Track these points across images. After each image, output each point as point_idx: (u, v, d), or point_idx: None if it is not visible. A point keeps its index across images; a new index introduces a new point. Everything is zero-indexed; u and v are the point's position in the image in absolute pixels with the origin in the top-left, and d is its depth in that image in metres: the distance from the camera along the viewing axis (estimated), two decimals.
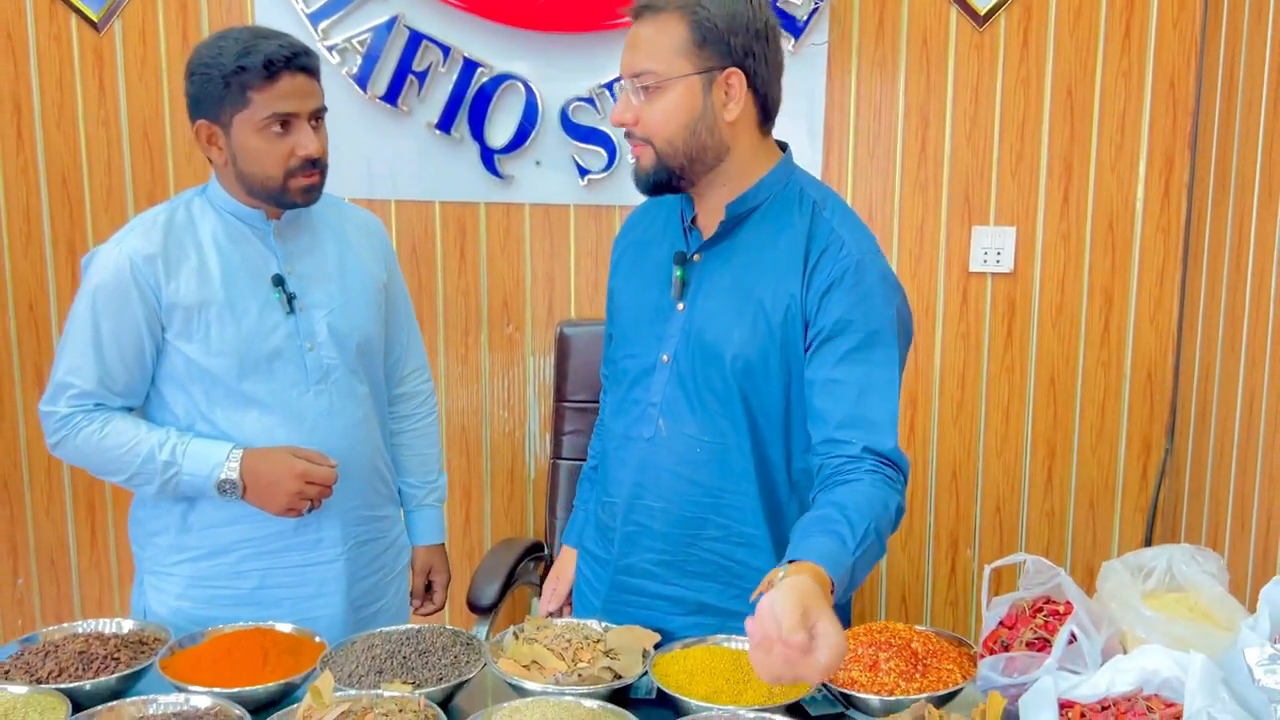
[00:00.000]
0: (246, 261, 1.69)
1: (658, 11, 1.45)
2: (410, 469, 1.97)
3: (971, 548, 2.63)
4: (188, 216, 1.69)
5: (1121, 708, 1.26)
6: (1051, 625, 1.42)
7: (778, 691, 1.39)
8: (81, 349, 1.64)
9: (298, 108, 1.62)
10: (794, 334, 1.48)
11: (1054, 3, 2.40)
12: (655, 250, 1.60)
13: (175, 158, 2.60)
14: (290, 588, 1.73)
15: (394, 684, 1.38)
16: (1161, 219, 2.46)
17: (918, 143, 2.48)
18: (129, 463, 1.64)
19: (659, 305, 1.56)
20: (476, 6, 2.44)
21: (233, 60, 1.58)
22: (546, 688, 1.39)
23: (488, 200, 2.56)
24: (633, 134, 1.49)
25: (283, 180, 1.64)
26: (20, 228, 2.65)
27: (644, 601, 1.60)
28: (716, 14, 1.44)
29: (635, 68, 1.46)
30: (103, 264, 1.64)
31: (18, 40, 2.57)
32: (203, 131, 1.66)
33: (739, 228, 1.52)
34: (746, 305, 1.49)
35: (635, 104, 1.47)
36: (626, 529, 1.59)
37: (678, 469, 1.54)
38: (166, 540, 1.73)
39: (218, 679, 1.41)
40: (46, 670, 1.42)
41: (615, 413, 1.64)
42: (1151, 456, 2.55)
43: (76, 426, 1.65)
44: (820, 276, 1.45)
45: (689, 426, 1.53)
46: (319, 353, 1.72)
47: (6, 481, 2.75)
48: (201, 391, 1.67)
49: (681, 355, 1.53)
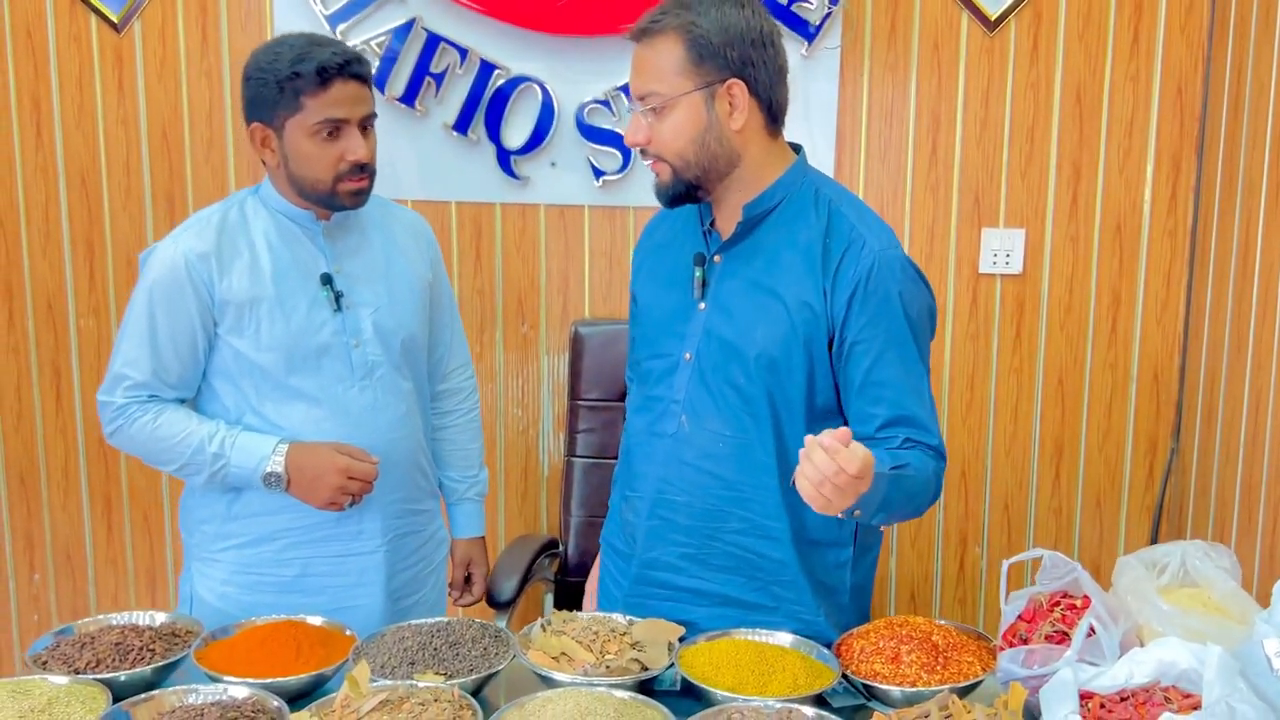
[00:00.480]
0: (297, 260, 1.74)
1: (654, 34, 1.49)
2: (452, 463, 2.01)
3: (980, 545, 2.66)
4: (241, 216, 1.75)
5: (1140, 698, 1.29)
6: (1069, 619, 1.46)
7: (802, 682, 1.42)
8: (138, 342, 1.69)
9: (348, 114, 1.67)
10: (817, 331, 1.51)
11: (1064, 8, 2.44)
12: (675, 253, 1.64)
13: (194, 158, 2.62)
14: (331, 576, 1.78)
15: (426, 675, 1.41)
16: (1168, 222, 2.50)
17: (929, 145, 2.51)
18: (180, 453, 1.70)
19: (680, 305, 1.60)
20: (494, 9, 2.47)
21: (287, 66, 1.63)
22: (575, 678, 1.42)
23: (503, 201, 2.58)
24: (647, 152, 1.54)
25: (332, 184, 1.69)
26: (39, 227, 2.67)
27: (667, 594, 1.64)
28: (710, 29, 1.47)
29: (642, 90, 1.52)
30: (159, 260, 1.70)
31: (38, 41, 2.59)
32: (256, 134, 1.71)
33: (757, 228, 1.56)
34: (768, 303, 1.53)
35: (645, 124, 1.52)
36: (650, 523, 1.63)
37: (700, 464, 1.57)
38: (213, 528, 1.78)
39: (251, 670, 1.43)
40: (84, 661, 1.45)
41: (638, 410, 1.67)
42: (1157, 456, 2.59)
43: (131, 416, 1.71)
44: (845, 277, 1.49)
45: (711, 422, 1.56)
46: (365, 349, 1.77)
47: (23, 478, 2.77)
48: (251, 385, 1.72)
49: (703, 353, 1.57)
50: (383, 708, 1.28)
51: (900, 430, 1.49)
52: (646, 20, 1.50)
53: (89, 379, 2.73)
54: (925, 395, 1.52)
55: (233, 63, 2.58)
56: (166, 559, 2.80)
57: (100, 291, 2.69)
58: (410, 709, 1.28)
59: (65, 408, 2.74)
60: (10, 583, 2.82)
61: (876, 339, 1.48)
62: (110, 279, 2.68)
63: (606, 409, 2.49)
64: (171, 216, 2.64)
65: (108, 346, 2.70)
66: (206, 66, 2.58)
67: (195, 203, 2.64)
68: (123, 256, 2.67)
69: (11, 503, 2.79)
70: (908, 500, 1.45)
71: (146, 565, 2.80)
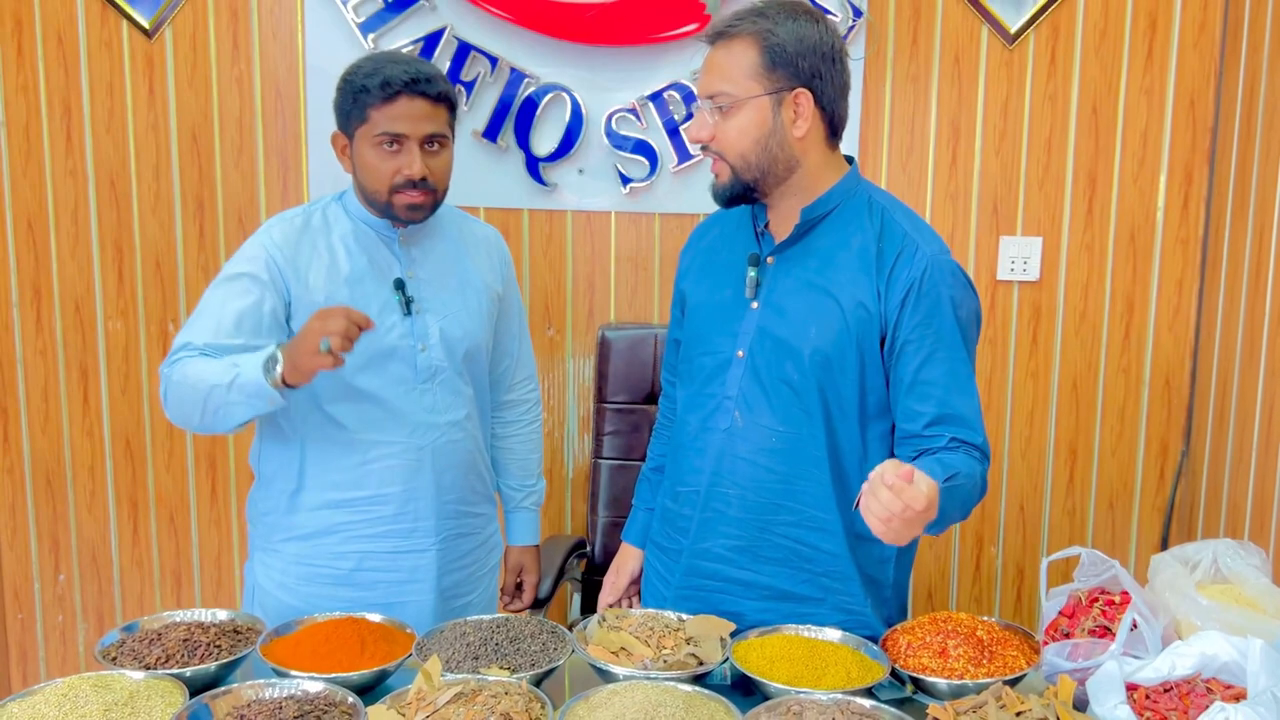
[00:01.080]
0: (372, 264, 1.79)
1: (731, 37, 1.56)
2: (511, 472, 2.06)
3: (996, 545, 2.73)
4: (323, 219, 1.81)
5: (1183, 689, 1.35)
6: (1109, 614, 1.51)
7: (855, 675, 1.47)
8: (204, 319, 1.71)
9: (408, 129, 1.71)
10: (870, 330, 1.57)
11: (1081, 23, 2.51)
12: (726, 255, 1.69)
13: (223, 162, 2.65)
14: (384, 572, 1.82)
15: (491, 669, 1.45)
16: (1181, 231, 2.57)
17: (949, 155, 2.58)
18: (201, 390, 1.63)
19: (732, 304, 1.65)
20: (524, 19, 2.51)
21: (361, 78, 1.71)
22: (634, 672, 1.46)
23: (531, 207, 2.63)
24: (709, 148, 1.60)
25: (388, 195, 1.74)
26: (68, 229, 2.69)
27: (717, 585, 1.68)
28: (786, 39, 1.54)
29: (711, 89, 1.57)
30: (244, 253, 1.76)
31: (69, 46, 2.62)
32: (337, 141, 1.80)
33: (812, 232, 1.62)
34: (822, 303, 1.59)
35: (710, 122, 1.58)
36: (704, 515, 1.68)
37: (754, 457, 1.63)
38: (275, 519, 1.83)
39: (317, 665, 1.47)
40: (154, 657, 1.48)
41: (689, 408, 1.72)
42: (1168, 459, 2.66)
43: (174, 367, 1.67)
44: (899, 279, 1.56)
45: (764, 417, 1.62)
46: (430, 354, 1.82)
47: (50, 478, 2.79)
48: (318, 380, 1.73)
49: (756, 350, 1.62)
50: (458, 700, 1.32)
51: (947, 429, 1.56)
52: (724, 24, 1.56)
53: (116, 381, 2.75)
54: (972, 395, 1.58)
55: (263, 69, 2.61)
56: (193, 560, 2.82)
57: (129, 294, 2.71)
58: (484, 701, 1.32)
59: (93, 410, 2.76)
60: (35, 583, 2.84)
61: (927, 339, 1.55)
62: (139, 281, 2.71)
63: (632, 412, 2.54)
64: (200, 220, 2.68)
65: (136, 349, 2.73)
66: (237, 73, 2.61)
67: (224, 207, 2.67)
68: (151, 259, 2.70)
69: (38, 504, 2.81)
70: (960, 508, 1.50)
71: (172, 566, 2.83)
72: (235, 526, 2.81)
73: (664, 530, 1.79)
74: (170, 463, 2.78)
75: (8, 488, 2.80)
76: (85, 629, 2.87)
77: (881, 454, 1.64)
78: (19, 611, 2.86)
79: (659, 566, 1.80)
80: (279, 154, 2.64)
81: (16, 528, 2.82)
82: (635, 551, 1.90)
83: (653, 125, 2.57)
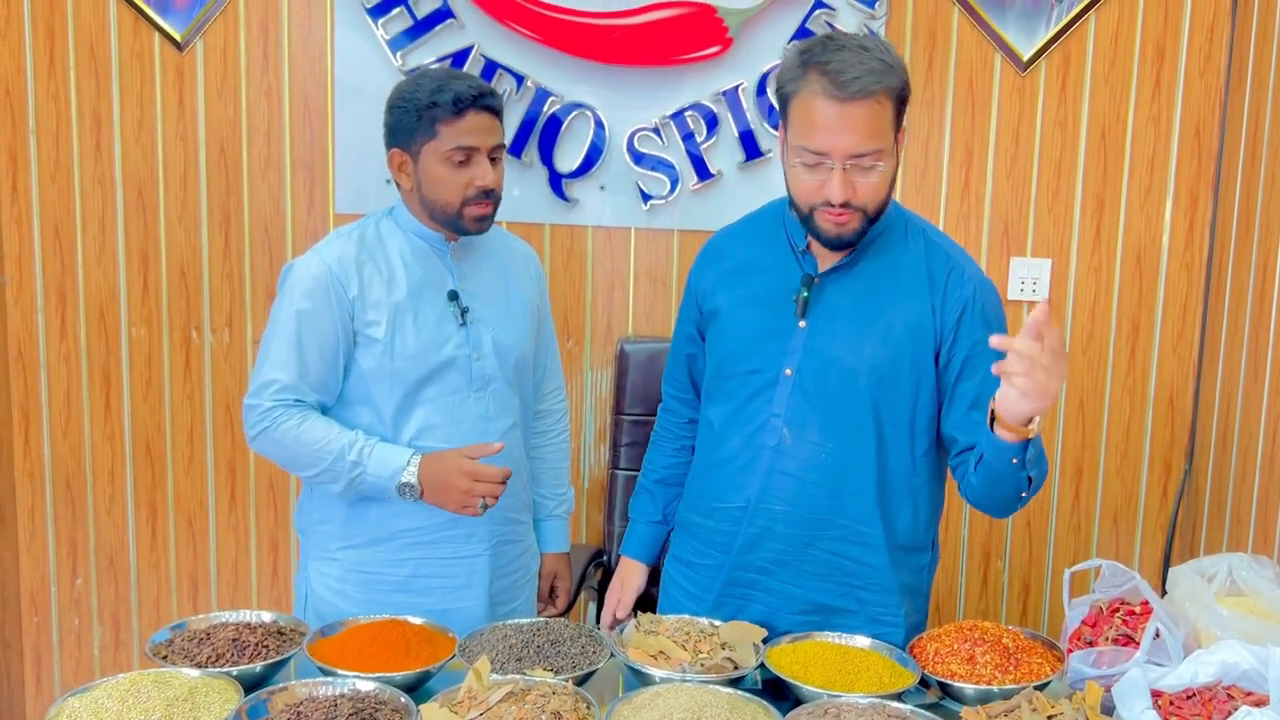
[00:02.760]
0: (428, 277, 1.85)
1: (877, 95, 1.51)
2: (544, 480, 2.10)
3: (1003, 560, 2.78)
4: (377, 234, 1.86)
5: (1205, 696, 1.41)
6: (1130, 623, 1.57)
7: (887, 681, 1.52)
8: (286, 348, 1.78)
9: (479, 142, 1.78)
10: (924, 349, 1.64)
11: (1091, 52, 2.59)
12: (766, 275, 1.72)
13: (251, 174, 2.70)
14: (440, 578, 1.87)
15: (535, 670, 1.50)
16: (1186, 255, 2.65)
17: (962, 177, 2.65)
18: (321, 459, 1.77)
19: (777, 323, 1.68)
20: (550, 39, 2.57)
21: (427, 96, 1.76)
22: (672, 674, 1.51)
23: (553, 221, 2.68)
24: (849, 205, 1.56)
25: (459, 207, 1.80)
26: (94, 236, 2.73)
27: (756, 595, 1.73)
28: (906, 80, 1.56)
29: (860, 148, 1.52)
30: (305, 271, 1.80)
31: (100, 57, 2.66)
32: (395, 159, 1.83)
33: (860, 256, 1.67)
34: (875, 323, 1.64)
35: (852, 181, 1.55)
36: (750, 531, 1.71)
37: (802, 474, 1.67)
38: (331, 528, 1.87)
39: (363, 665, 1.51)
40: (205, 655, 1.51)
41: (728, 425, 1.74)
42: (1171, 478, 2.73)
43: (278, 420, 1.77)
44: (952, 298, 1.64)
45: (813, 434, 1.66)
46: (484, 363, 1.87)
47: (69, 482, 2.82)
48: (383, 392, 1.81)
49: (805, 369, 1.66)
50: (509, 699, 1.37)
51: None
52: (863, 80, 1.50)
53: (138, 387, 2.78)
54: None
55: (292, 83, 2.66)
56: (209, 564, 2.85)
57: (153, 302, 2.75)
58: (534, 700, 1.37)
59: (114, 415, 2.79)
60: (53, 587, 2.86)
61: (986, 356, 1.56)
62: (164, 289, 2.75)
63: (649, 423, 2.55)
64: (226, 231, 2.72)
65: (158, 355, 2.76)
66: (267, 86, 2.66)
67: (250, 218, 2.71)
68: (176, 267, 2.74)
69: (57, 508, 2.83)
70: (1042, 467, 1.55)
71: (189, 570, 2.85)
72: (253, 532, 2.84)
73: (693, 547, 1.81)
74: (190, 468, 2.82)
75: (28, 491, 2.83)
76: (101, 632, 2.89)
77: (928, 467, 1.70)
78: (35, 615, 2.88)
79: (685, 583, 1.82)
80: (306, 167, 2.69)
81: (35, 531, 2.84)
82: (639, 566, 1.91)
83: (673, 144, 2.63)
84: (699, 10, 2.56)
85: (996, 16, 2.58)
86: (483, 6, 2.57)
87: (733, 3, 2.56)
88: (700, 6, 2.56)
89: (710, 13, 2.56)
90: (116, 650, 2.90)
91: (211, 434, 2.80)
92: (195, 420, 2.79)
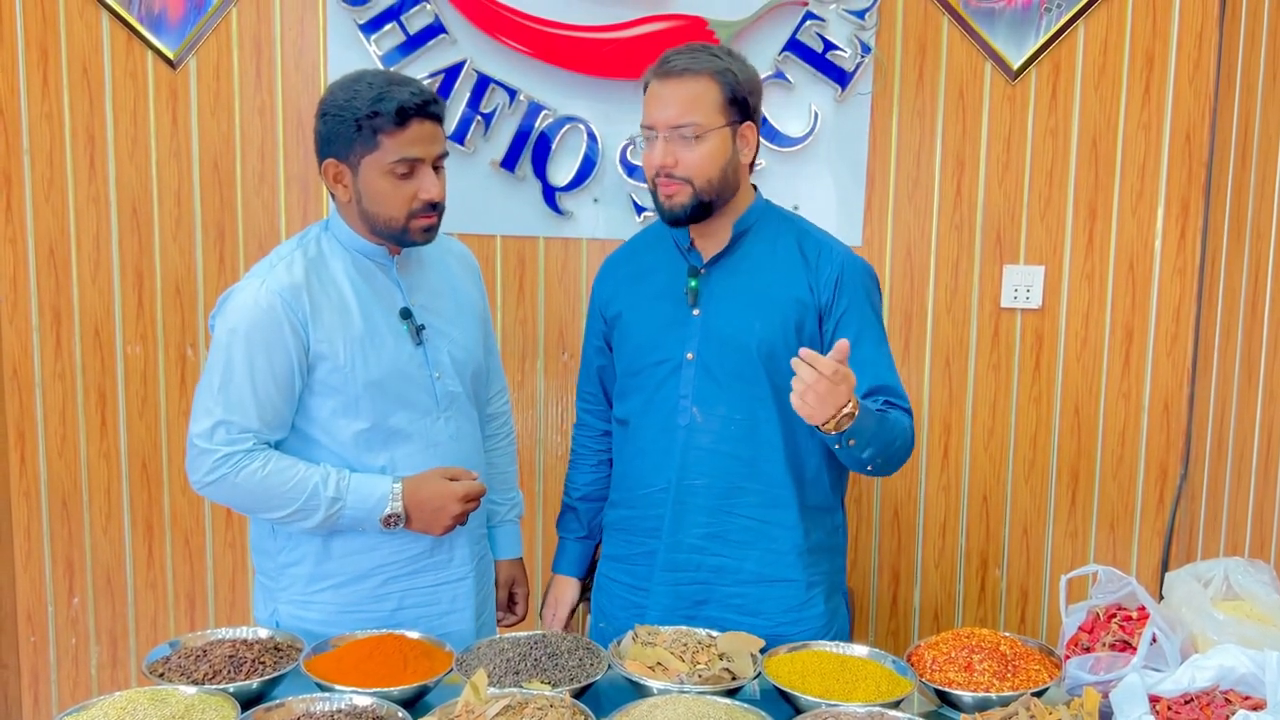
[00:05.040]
0: (377, 295, 1.77)
1: (694, 74, 1.76)
2: (494, 485, 2.03)
3: (1000, 568, 2.78)
4: (319, 253, 1.76)
5: (1203, 701, 1.41)
6: (1128, 629, 1.57)
7: (885, 689, 1.53)
8: (239, 386, 1.68)
9: (424, 153, 1.70)
10: (807, 318, 1.81)
11: (1081, 60, 2.60)
12: (657, 275, 1.89)
13: (244, 191, 2.70)
14: (426, 606, 1.81)
15: (533, 683, 1.49)
16: (1178, 261, 2.66)
17: (953, 186, 2.66)
18: (292, 499, 1.68)
19: (673, 315, 1.85)
20: (542, 53, 2.58)
21: (367, 105, 1.65)
22: (670, 685, 1.51)
23: (547, 235, 2.69)
24: (673, 175, 1.78)
25: (405, 220, 1.72)
26: (90, 254, 2.73)
27: (691, 575, 1.83)
28: (742, 79, 1.79)
29: (678, 120, 1.76)
30: (250, 302, 1.69)
31: (94, 76, 2.67)
32: (330, 170, 1.73)
33: (741, 244, 1.85)
34: (760, 302, 1.81)
35: (674, 150, 1.77)
36: (676, 510, 1.82)
37: (716, 446, 1.81)
38: (306, 570, 1.78)
39: (360, 680, 1.51)
40: (201, 672, 1.51)
41: (642, 415, 1.87)
42: (1168, 482, 2.73)
43: (238, 465, 1.68)
44: (825, 274, 1.82)
45: (720, 408, 1.82)
46: (445, 381, 1.81)
47: (66, 501, 2.81)
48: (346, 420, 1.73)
49: (704, 351, 1.82)
50: (506, 712, 1.36)
51: (880, 396, 1.79)
52: (683, 62, 1.76)
53: (134, 405, 2.78)
54: (893, 368, 1.84)
55: (285, 100, 2.67)
56: (207, 582, 2.84)
57: (148, 319, 2.75)
58: (531, 713, 1.37)
59: (110, 433, 2.79)
60: (49, 606, 2.85)
61: (853, 323, 1.80)
62: (159, 307, 2.75)
63: None
64: (221, 246, 2.72)
65: (154, 373, 2.76)
66: (260, 103, 2.67)
67: (245, 234, 2.72)
68: (171, 285, 2.74)
69: (53, 527, 2.82)
70: (890, 441, 1.72)
71: (186, 589, 2.85)
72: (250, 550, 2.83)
73: (624, 539, 1.92)
74: (186, 486, 2.80)
75: (24, 510, 2.82)
76: (98, 651, 2.88)
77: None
78: (32, 634, 2.87)
79: (624, 578, 1.91)
80: (300, 182, 2.69)
81: (31, 550, 2.84)
82: (571, 581, 2.05)
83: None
84: (690, 23, 2.57)
85: (986, 26, 2.60)
86: (475, 21, 2.58)
87: (723, 15, 2.57)
88: (691, 19, 2.57)
89: (701, 25, 2.57)
90: (114, 669, 2.89)
91: None
92: None
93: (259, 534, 1.84)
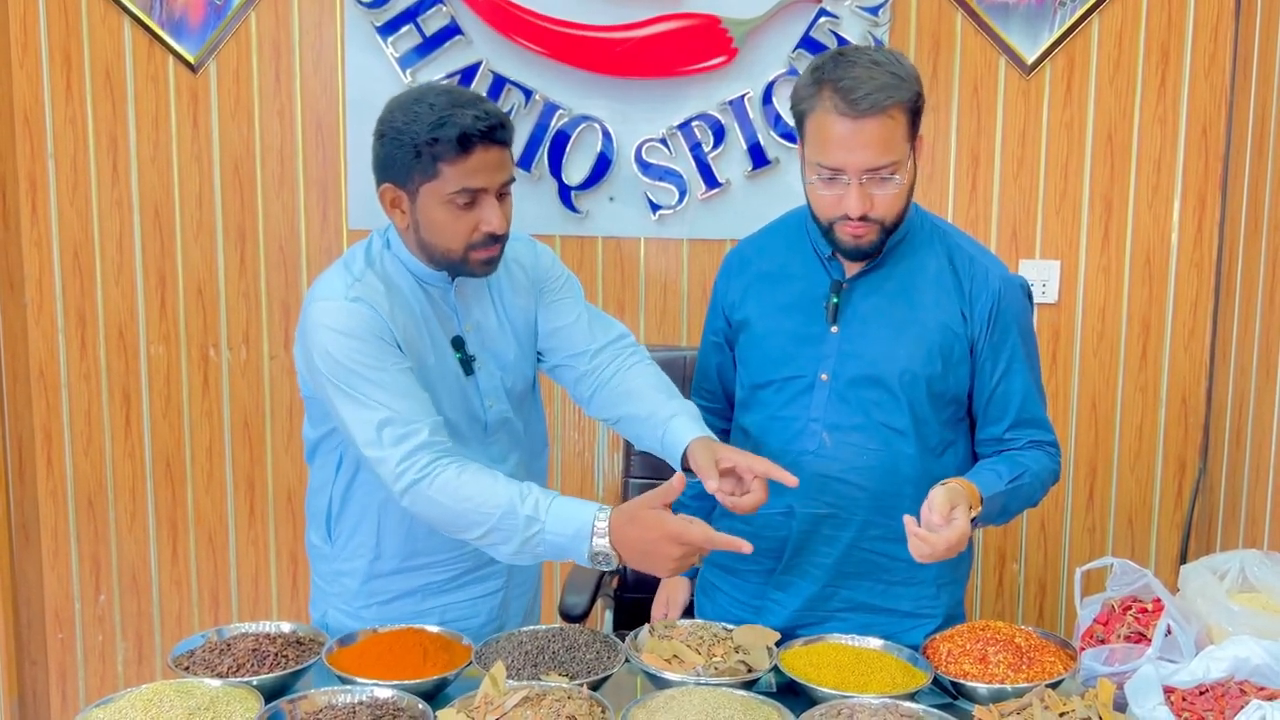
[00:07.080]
0: (440, 321, 1.67)
1: (888, 110, 1.53)
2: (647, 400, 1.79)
3: (1018, 562, 2.79)
4: (384, 271, 1.64)
5: (1218, 692, 1.41)
6: (1143, 621, 1.58)
7: (900, 681, 1.53)
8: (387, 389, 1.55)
9: (487, 182, 1.56)
10: (955, 346, 1.68)
11: (1095, 54, 2.60)
12: (794, 282, 1.74)
13: (264, 193, 2.74)
14: (466, 620, 1.77)
15: (550, 676, 1.51)
16: (1195, 254, 2.65)
17: (969, 181, 2.66)
18: (486, 515, 1.51)
19: (808, 330, 1.71)
20: (558, 53, 2.60)
21: (426, 130, 1.51)
22: (687, 678, 1.53)
23: (563, 233, 2.71)
24: (867, 218, 1.58)
25: (463, 253, 1.59)
26: (113, 257, 2.77)
27: (788, 600, 1.76)
28: (919, 91, 1.58)
29: (874, 163, 1.55)
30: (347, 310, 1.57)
31: (116, 80, 2.71)
32: (387, 195, 1.60)
33: (887, 258, 1.69)
34: (907, 324, 1.67)
35: (869, 194, 1.57)
36: (798, 538, 1.73)
37: (846, 476, 1.69)
38: (355, 584, 1.76)
39: (381, 673, 1.53)
40: (225, 666, 1.54)
41: (764, 432, 1.75)
42: (1186, 476, 2.72)
43: (427, 471, 1.53)
44: (980, 305, 1.67)
45: (853, 436, 1.69)
46: (497, 409, 1.73)
47: (92, 500, 2.86)
48: None
49: (841, 373, 1.69)
50: (525, 703, 1.38)
51: (1026, 431, 1.70)
52: (872, 96, 1.52)
53: (158, 404, 2.82)
54: (1043, 399, 1.74)
55: (304, 103, 2.70)
56: (230, 580, 2.88)
57: (171, 320, 2.79)
58: (550, 705, 1.38)
59: (134, 432, 2.83)
60: (76, 603, 2.90)
61: (1004, 353, 1.68)
62: (181, 308, 2.79)
63: None
64: (242, 248, 2.76)
65: (177, 373, 2.80)
66: (279, 106, 2.70)
67: (265, 236, 2.75)
68: (193, 286, 2.78)
69: (80, 525, 2.87)
70: (1024, 501, 1.69)
71: (210, 586, 2.89)
72: (273, 546, 2.87)
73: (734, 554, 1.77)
74: (209, 484, 2.85)
75: (50, 509, 2.87)
76: (124, 648, 2.92)
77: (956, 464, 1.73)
78: (59, 631, 2.92)
79: (735, 592, 1.84)
80: (319, 185, 2.73)
81: (58, 549, 2.88)
82: (685, 581, 1.97)
83: (681, 154, 2.65)
84: (703, 22, 2.59)
85: (1000, 20, 2.60)
86: (490, 22, 2.60)
87: (737, 13, 2.58)
88: (705, 18, 2.59)
89: (715, 23, 2.59)
90: (140, 665, 2.93)
91: (230, 450, 2.83)
92: (214, 436, 2.83)
93: (315, 533, 1.81)
